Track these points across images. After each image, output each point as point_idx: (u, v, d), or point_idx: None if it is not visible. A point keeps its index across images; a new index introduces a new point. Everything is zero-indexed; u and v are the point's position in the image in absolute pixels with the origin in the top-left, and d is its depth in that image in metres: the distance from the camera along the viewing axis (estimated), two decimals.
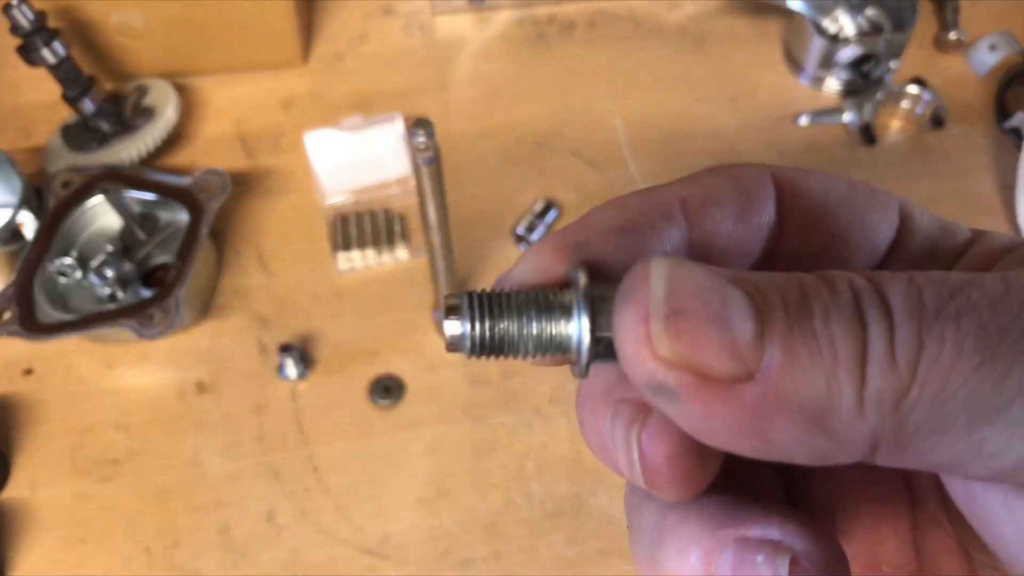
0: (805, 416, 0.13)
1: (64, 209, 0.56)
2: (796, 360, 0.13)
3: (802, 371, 0.13)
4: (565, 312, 0.15)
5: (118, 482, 0.51)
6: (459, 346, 0.16)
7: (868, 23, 0.65)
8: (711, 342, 0.13)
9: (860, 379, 0.13)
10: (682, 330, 0.13)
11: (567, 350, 0.15)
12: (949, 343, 0.13)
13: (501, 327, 0.15)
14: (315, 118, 0.65)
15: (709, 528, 0.15)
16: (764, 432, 0.13)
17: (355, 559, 0.48)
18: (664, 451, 0.15)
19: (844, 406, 0.13)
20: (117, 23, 0.62)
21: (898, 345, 0.13)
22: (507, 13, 0.70)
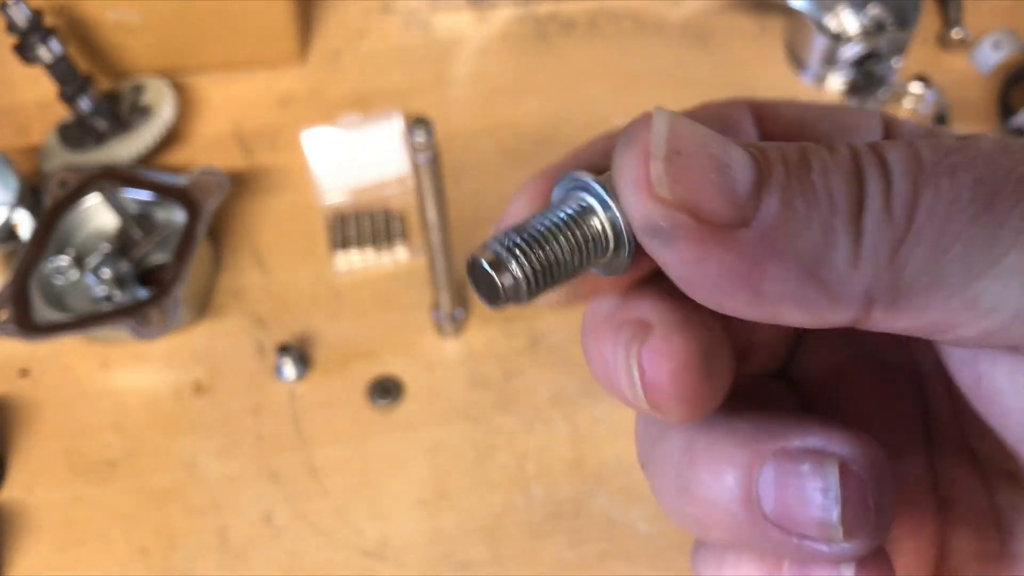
0: (800, 264, 0.13)
1: (60, 208, 0.55)
2: (793, 209, 0.13)
3: (798, 219, 0.13)
4: (589, 211, 0.15)
5: (115, 484, 0.50)
6: (516, 295, 0.15)
7: (871, 21, 0.64)
8: (710, 185, 0.13)
9: (856, 229, 0.13)
10: (682, 171, 0.13)
11: (607, 245, 0.15)
12: (945, 194, 0.13)
13: (541, 256, 0.14)
14: (313, 116, 0.64)
15: (744, 443, 0.14)
16: (757, 282, 0.13)
17: (353, 561, 0.48)
18: (666, 367, 0.15)
19: (840, 255, 0.13)
20: (114, 21, 0.62)
21: (894, 197, 0.13)
22: (507, 11, 0.70)
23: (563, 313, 0.55)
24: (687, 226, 0.13)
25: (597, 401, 0.52)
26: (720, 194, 0.13)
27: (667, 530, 0.48)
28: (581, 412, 0.52)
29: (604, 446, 0.51)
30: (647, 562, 0.47)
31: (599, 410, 0.52)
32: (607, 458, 0.50)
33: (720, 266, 0.13)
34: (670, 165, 0.13)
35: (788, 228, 0.13)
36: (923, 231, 0.13)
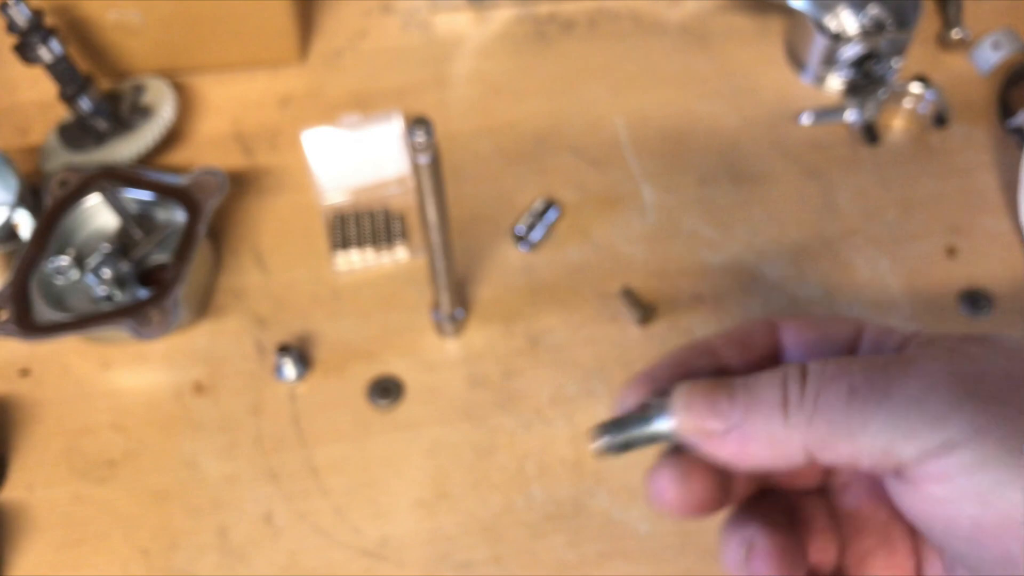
0: (764, 440, 0.24)
1: (61, 208, 0.56)
2: (751, 415, 0.24)
3: (755, 419, 0.24)
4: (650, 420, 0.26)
5: (115, 483, 0.50)
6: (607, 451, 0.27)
7: (871, 21, 0.64)
8: (707, 416, 0.25)
9: (786, 415, 0.24)
10: (692, 413, 0.25)
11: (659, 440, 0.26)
12: (832, 392, 0.24)
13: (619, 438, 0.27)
14: (313, 116, 0.64)
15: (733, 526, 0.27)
16: (747, 454, 0.24)
17: (353, 561, 0.48)
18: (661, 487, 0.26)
19: (780, 430, 0.24)
20: (114, 21, 0.62)
21: (806, 393, 0.24)
22: (507, 11, 0.70)
23: (563, 313, 0.55)
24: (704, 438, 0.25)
25: (597, 401, 0.52)
26: (713, 419, 0.25)
27: (667, 530, 0.48)
28: (581, 412, 0.52)
29: None
30: (647, 562, 0.47)
31: (599, 410, 0.52)
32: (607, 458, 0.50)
33: (727, 452, 0.25)
34: (686, 413, 0.25)
35: (752, 426, 0.24)
36: (821, 407, 0.23)
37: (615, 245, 0.58)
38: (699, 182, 0.61)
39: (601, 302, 0.56)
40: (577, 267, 0.57)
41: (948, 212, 0.59)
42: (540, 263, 0.58)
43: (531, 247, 0.58)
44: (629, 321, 0.55)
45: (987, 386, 0.22)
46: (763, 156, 0.62)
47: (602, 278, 0.57)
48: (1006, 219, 0.59)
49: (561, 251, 0.58)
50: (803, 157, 0.62)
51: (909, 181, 0.61)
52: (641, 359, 0.54)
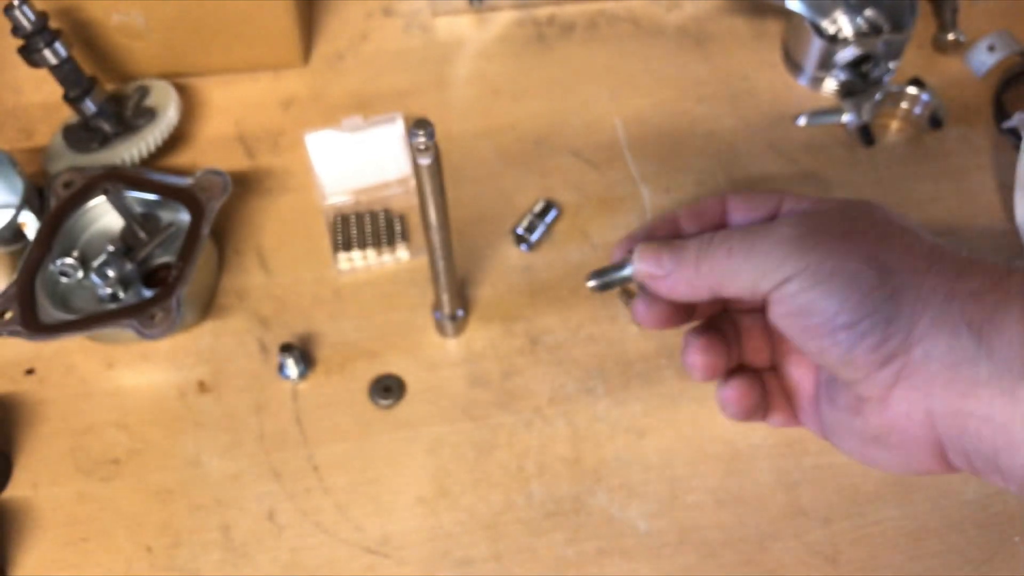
0: (685, 282, 0.35)
1: (65, 209, 0.56)
2: (677, 266, 0.35)
3: (678, 268, 0.35)
4: (624, 267, 0.37)
5: (119, 482, 0.51)
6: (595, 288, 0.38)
7: (867, 24, 0.65)
8: (651, 264, 0.36)
9: (696, 266, 0.34)
10: (643, 263, 0.36)
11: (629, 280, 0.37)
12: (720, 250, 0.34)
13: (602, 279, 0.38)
14: (315, 118, 0.65)
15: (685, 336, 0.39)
16: (676, 290, 0.35)
17: (355, 558, 0.48)
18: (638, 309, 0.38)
19: (693, 275, 0.34)
20: (118, 24, 0.62)
21: (708, 251, 0.34)
22: (507, 13, 0.71)
23: (562, 313, 0.56)
24: (652, 280, 0.36)
25: (596, 400, 0.53)
26: (654, 267, 0.36)
27: (665, 527, 0.49)
28: (580, 411, 0.52)
29: (603, 444, 0.51)
30: (646, 559, 0.48)
31: (598, 409, 0.52)
32: (606, 456, 0.51)
33: (663, 289, 0.36)
34: (639, 263, 0.36)
35: (676, 271, 0.35)
36: (715, 261, 0.34)
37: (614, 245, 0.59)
38: (697, 183, 0.61)
39: (600, 302, 0.56)
40: (576, 267, 0.58)
41: (944, 213, 0.60)
42: (540, 263, 0.58)
43: (531, 247, 0.59)
44: (628, 320, 0.55)
45: (820, 240, 0.32)
46: (760, 157, 0.63)
47: None
48: (1002, 220, 0.59)
49: (561, 251, 0.59)
50: (800, 159, 0.62)
51: (905, 182, 0.61)
52: (640, 358, 0.54)
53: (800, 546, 0.48)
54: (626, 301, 0.38)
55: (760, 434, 0.51)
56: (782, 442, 0.51)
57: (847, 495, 0.49)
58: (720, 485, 0.50)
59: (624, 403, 0.53)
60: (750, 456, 0.51)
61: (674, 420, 0.52)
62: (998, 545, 0.48)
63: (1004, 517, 0.49)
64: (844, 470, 0.50)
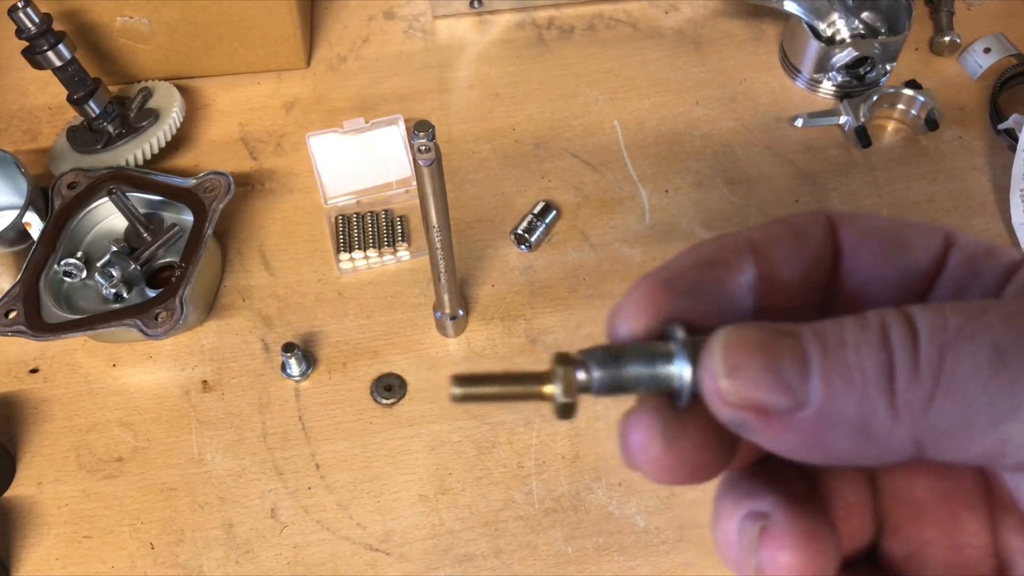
0: (852, 430, 0.16)
1: (70, 210, 0.57)
2: (833, 388, 0.16)
3: (840, 395, 0.16)
4: (666, 362, 0.18)
5: (123, 480, 0.51)
6: (588, 388, 0.19)
7: (863, 26, 0.65)
8: (766, 385, 0.17)
9: (890, 393, 0.16)
10: (742, 382, 0.17)
11: (670, 388, 0.18)
12: (967, 358, 0.16)
13: (614, 375, 0.19)
14: (317, 120, 0.65)
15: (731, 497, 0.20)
16: (824, 446, 0.17)
17: (357, 555, 0.49)
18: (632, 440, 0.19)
19: (879, 416, 0.16)
20: (122, 26, 0.63)
21: (922, 361, 0.16)
22: (507, 16, 0.71)
23: (562, 314, 0.56)
24: (756, 419, 0.17)
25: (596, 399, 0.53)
26: (775, 389, 0.17)
27: (664, 524, 0.49)
28: (580, 410, 0.53)
29: (602, 442, 0.52)
30: (644, 556, 0.48)
31: (597, 407, 0.53)
32: (605, 454, 0.51)
33: (792, 442, 0.17)
34: (732, 380, 0.17)
35: (834, 404, 0.16)
36: (949, 389, 0.16)
37: (613, 246, 0.59)
38: (695, 184, 0.62)
39: (600, 302, 0.57)
40: (576, 268, 0.58)
41: (940, 214, 0.60)
42: (539, 264, 0.59)
43: (531, 248, 0.59)
44: None
45: None
46: (758, 159, 0.63)
47: (600, 279, 0.58)
48: (997, 221, 0.60)
49: (560, 252, 0.59)
50: (797, 160, 0.63)
51: (901, 183, 0.62)
52: None
53: None
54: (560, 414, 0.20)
55: None
56: None
57: None
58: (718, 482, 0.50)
59: (623, 401, 0.53)
60: None
61: None
62: None
63: None
64: None
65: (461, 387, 0.19)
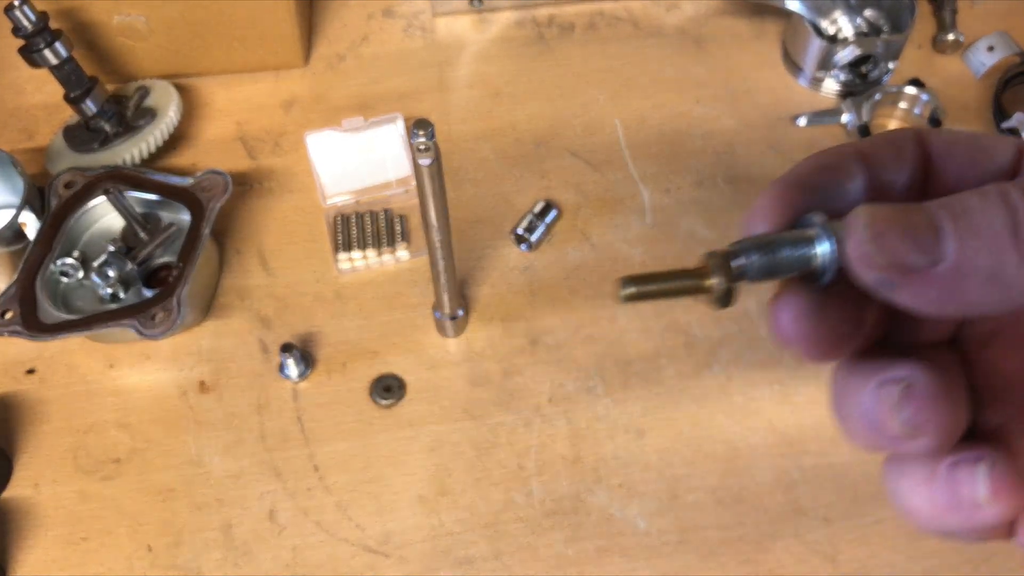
0: (984, 278, 0.19)
1: (66, 209, 0.56)
2: (966, 243, 0.19)
3: (973, 250, 0.19)
4: (810, 243, 0.21)
5: (120, 481, 0.51)
6: (745, 274, 0.21)
7: (866, 24, 0.65)
8: (907, 247, 0.20)
9: (1017, 242, 0.19)
10: (885, 246, 0.20)
11: (812, 267, 0.21)
12: None
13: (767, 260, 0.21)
14: (316, 119, 0.65)
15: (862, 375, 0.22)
16: (959, 295, 0.20)
17: (356, 557, 0.48)
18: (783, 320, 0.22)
19: (1009, 263, 0.19)
20: (119, 24, 0.62)
21: None
22: (507, 15, 0.71)
23: (562, 313, 0.56)
24: (900, 277, 0.20)
25: (596, 399, 0.53)
26: (915, 251, 0.20)
27: (664, 526, 0.49)
28: (580, 410, 0.53)
29: (603, 444, 0.51)
30: (645, 558, 0.48)
31: (598, 408, 0.53)
32: (606, 455, 0.51)
33: (931, 294, 0.20)
34: (877, 244, 0.20)
35: (967, 257, 0.19)
36: None
37: (613, 246, 0.59)
38: (696, 184, 0.61)
39: (600, 302, 0.56)
40: (576, 268, 0.58)
41: None
42: (540, 264, 0.58)
43: (531, 248, 0.59)
44: (627, 320, 0.56)
45: None
46: (760, 158, 0.63)
47: (600, 278, 0.57)
48: None
49: (560, 252, 0.59)
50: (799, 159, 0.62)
51: None
52: (639, 358, 0.54)
53: (799, 545, 0.48)
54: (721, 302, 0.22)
55: (759, 434, 0.51)
56: (782, 442, 0.51)
57: (846, 495, 0.49)
58: (720, 484, 0.50)
59: (623, 402, 0.53)
60: (749, 456, 0.51)
61: (673, 419, 0.52)
62: (997, 544, 0.48)
63: None
64: (843, 470, 0.50)
65: (630, 286, 0.21)
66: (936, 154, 0.23)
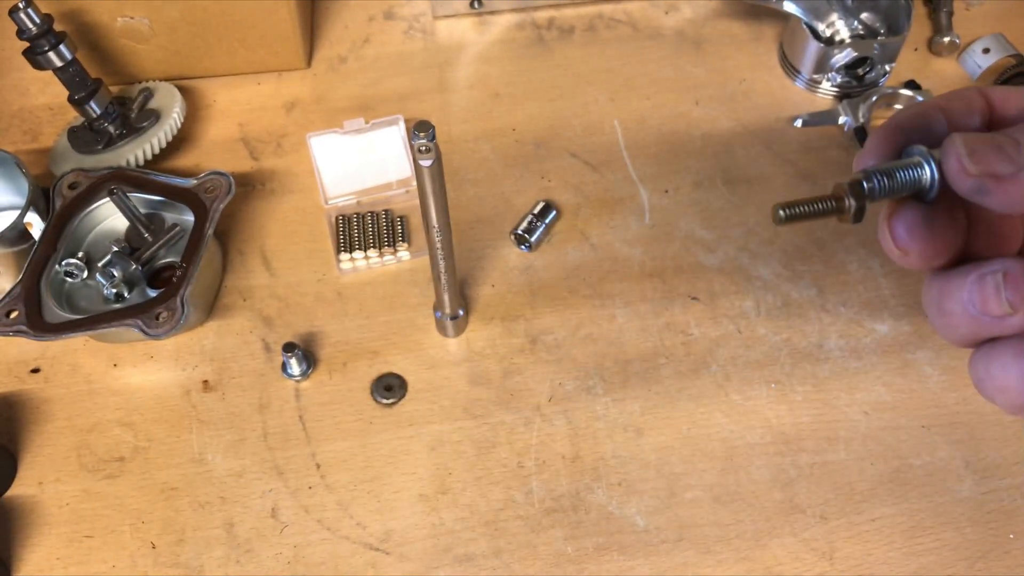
0: None
1: (71, 210, 0.57)
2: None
3: None
4: (918, 166, 0.27)
5: (124, 479, 0.51)
6: (872, 194, 0.27)
7: (863, 27, 0.66)
8: (996, 159, 0.25)
9: None
10: (979, 159, 0.25)
11: (920, 186, 0.27)
12: None
13: (887, 182, 0.27)
14: (318, 120, 0.66)
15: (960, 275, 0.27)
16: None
17: (357, 554, 0.49)
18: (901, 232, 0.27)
19: None
20: (122, 26, 0.63)
21: None
22: (507, 17, 0.71)
23: (562, 314, 0.57)
24: (992, 182, 0.25)
25: (595, 398, 0.53)
26: (1003, 162, 0.25)
27: (664, 524, 0.49)
28: (579, 409, 0.53)
29: (602, 442, 0.52)
30: (644, 556, 0.48)
31: (597, 407, 0.53)
32: (605, 454, 0.51)
33: (1016, 194, 0.25)
34: (972, 158, 0.25)
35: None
36: None
37: (613, 246, 0.59)
38: (695, 185, 0.62)
39: (600, 302, 0.57)
40: (576, 268, 0.59)
41: None
42: (539, 264, 0.59)
43: (531, 248, 0.59)
44: (626, 320, 0.56)
45: None
46: (757, 159, 0.63)
47: (600, 279, 0.58)
48: None
49: (560, 252, 0.59)
50: (796, 160, 0.63)
51: None
52: (638, 357, 0.55)
53: (796, 543, 0.49)
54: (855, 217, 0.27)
55: (757, 432, 0.52)
56: (779, 440, 0.52)
57: (843, 492, 0.50)
58: (717, 482, 0.50)
59: (622, 401, 0.53)
60: (747, 454, 0.51)
61: (672, 418, 0.53)
62: (993, 542, 0.48)
63: (999, 514, 0.49)
64: (840, 468, 0.51)
65: (783, 210, 0.27)
66: (997, 104, 0.29)
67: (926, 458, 0.51)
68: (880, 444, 0.51)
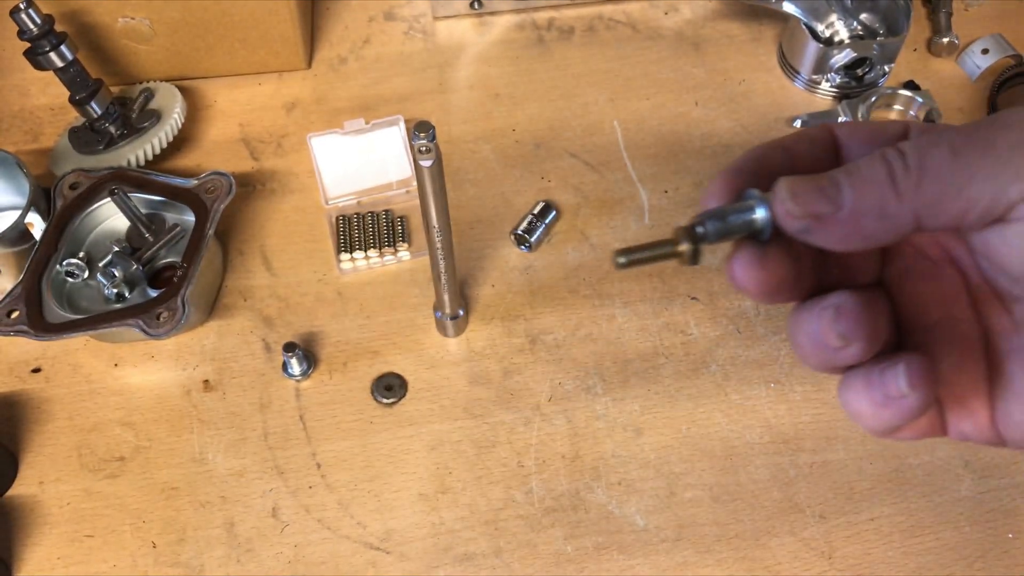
0: (874, 216, 0.25)
1: (72, 210, 0.57)
2: (858, 192, 0.26)
3: (863, 196, 0.25)
4: (750, 210, 0.27)
5: (124, 479, 0.52)
6: (705, 238, 0.27)
7: (862, 27, 0.66)
8: (816, 200, 0.26)
9: (894, 185, 0.25)
10: (801, 202, 0.26)
11: (754, 228, 0.27)
12: (935, 155, 0.25)
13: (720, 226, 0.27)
14: (318, 121, 0.66)
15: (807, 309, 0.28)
16: (858, 231, 0.26)
17: (358, 554, 0.49)
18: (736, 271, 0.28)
19: (890, 201, 0.25)
20: (123, 27, 0.63)
21: (910, 163, 0.25)
22: (507, 17, 0.71)
23: (562, 314, 0.57)
24: (813, 223, 0.26)
25: (595, 398, 0.54)
26: (822, 202, 0.26)
27: (663, 523, 0.49)
28: (579, 409, 0.53)
29: (602, 442, 0.52)
30: (643, 555, 0.48)
31: (597, 407, 0.53)
32: (605, 453, 0.51)
33: (838, 233, 0.26)
34: (795, 201, 0.26)
35: (862, 202, 0.25)
36: (928, 173, 0.25)
37: (612, 246, 0.59)
38: (694, 185, 0.62)
39: (599, 302, 0.57)
40: (575, 268, 0.59)
41: None
42: (539, 264, 0.59)
43: (531, 248, 0.59)
44: (626, 320, 0.56)
45: None
46: None
47: (600, 279, 0.58)
48: None
49: (560, 252, 0.59)
50: None
51: None
52: (638, 357, 0.55)
53: (795, 542, 0.49)
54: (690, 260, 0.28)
55: (756, 431, 0.52)
56: (778, 439, 0.52)
57: (842, 492, 0.50)
58: (716, 482, 0.50)
59: (622, 401, 0.53)
60: (746, 453, 0.51)
61: (671, 418, 0.53)
62: (992, 541, 0.49)
63: (998, 513, 0.49)
64: (839, 467, 0.51)
65: (623, 256, 0.27)
66: (842, 140, 0.30)
67: (925, 457, 0.51)
68: (879, 444, 0.51)
